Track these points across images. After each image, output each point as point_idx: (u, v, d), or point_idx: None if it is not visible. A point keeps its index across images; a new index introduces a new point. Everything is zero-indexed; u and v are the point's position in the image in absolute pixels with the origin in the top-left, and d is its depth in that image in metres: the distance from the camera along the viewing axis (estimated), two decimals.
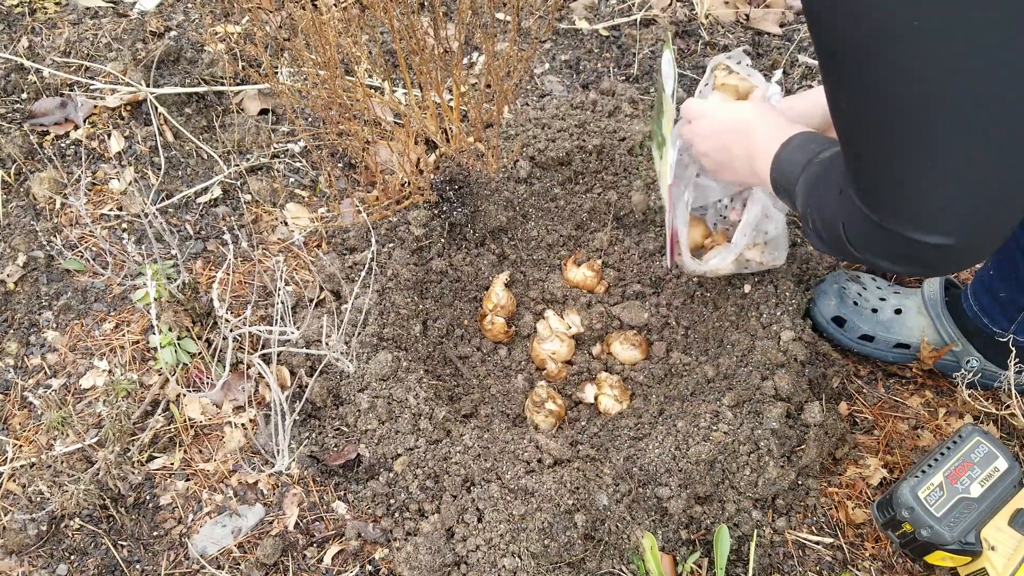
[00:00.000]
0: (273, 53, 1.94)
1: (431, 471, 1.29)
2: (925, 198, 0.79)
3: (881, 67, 0.73)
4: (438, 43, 1.41)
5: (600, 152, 1.72)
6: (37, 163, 1.71)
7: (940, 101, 0.71)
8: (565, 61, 2.05)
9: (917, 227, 0.81)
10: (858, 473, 1.37)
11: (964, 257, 0.85)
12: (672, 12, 2.15)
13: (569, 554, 1.19)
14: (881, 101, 0.75)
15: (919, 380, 1.51)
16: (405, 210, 1.61)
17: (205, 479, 1.34)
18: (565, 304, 1.62)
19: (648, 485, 1.28)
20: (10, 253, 1.59)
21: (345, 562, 1.27)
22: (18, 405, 1.42)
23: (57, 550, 1.26)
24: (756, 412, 1.34)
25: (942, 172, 0.76)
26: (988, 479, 1.21)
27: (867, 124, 0.80)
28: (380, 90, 1.88)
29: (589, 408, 1.49)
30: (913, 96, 0.72)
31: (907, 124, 0.75)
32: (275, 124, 1.85)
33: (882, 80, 0.73)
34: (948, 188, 0.78)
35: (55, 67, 1.83)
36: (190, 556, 1.26)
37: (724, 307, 1.54)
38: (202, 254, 1.63)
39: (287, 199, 1.72)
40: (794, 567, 1.27)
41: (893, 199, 0.82)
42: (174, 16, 2.02)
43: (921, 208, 0.80)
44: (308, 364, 1.43)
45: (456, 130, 1.58)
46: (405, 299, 1.49)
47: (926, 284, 1.50)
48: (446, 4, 2.11)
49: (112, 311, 1.53)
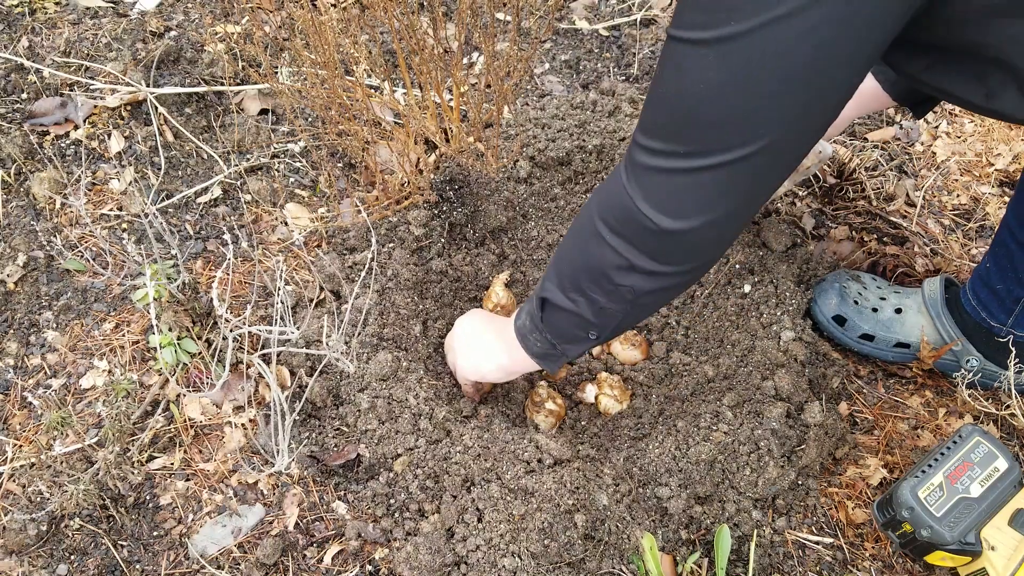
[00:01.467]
0: (273, 53, 1.94)
1: (431, 471, 1.29)
2: (672, 183, 0.90)
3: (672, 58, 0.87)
4: (438, 43, 1.41)
5: (600, 152, 1.72)
6: (37, 163, 1.71)
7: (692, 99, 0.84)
8: (565, 61, 2.05)
9: (654, 207, 0.91)
10: (858, 473, 1.37)
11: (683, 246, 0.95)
12: (672, 12, 2.15)
13: (569, 554, 1.19)
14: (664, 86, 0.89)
15: (919, 380, 1.51)
16: (405, 210, 1.61)
17: (205, 479, 1.34)
18: None
19: (648, 485, 1.28)
20: (10, 253, 1.59)
21: (345, 562, 1.27)
22: (18, 405, 1.42)
23: (57, 550, 1.26)
24: (756, 412, 1.34)
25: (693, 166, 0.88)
26: (988, 479, 1.21)
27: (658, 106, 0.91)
28: (380, 90, 1.88)
29: (589, 408, 1.49)
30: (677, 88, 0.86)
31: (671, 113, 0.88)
32: (275, 124, 1.85)
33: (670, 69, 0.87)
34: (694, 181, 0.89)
35: (55, 67, 1.83)
36: (190, 556, 1.26)
37: (724, 307, 1.54)
38: (202, 254, 1.63)
39: (287, 199, 1.72)
40: (794, 567, 1.27)
41: (647, 176, 0.92)
42: (174, 16, 2.02)
43: (663, 190, 0.91)
44: (308, 364, 1.43)
45: (456, 130, 1.58)
46: (405, 299, 1.49)
47: (926, 283, 1.50)
48: (446, 4, 2.11)
49: (112, 311, 1.53)
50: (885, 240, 1.73)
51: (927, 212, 1.81)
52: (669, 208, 0.90)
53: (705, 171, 0.86)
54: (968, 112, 2.04)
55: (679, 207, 0.90)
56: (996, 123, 2.01)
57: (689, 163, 0.87)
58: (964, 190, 1.86)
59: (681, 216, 0.90)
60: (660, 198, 0.91)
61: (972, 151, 1.94)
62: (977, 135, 1.99)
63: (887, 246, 1.70)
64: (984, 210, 1.82)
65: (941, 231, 1.78)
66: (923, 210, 1.81)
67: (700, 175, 0.87)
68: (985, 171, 1.90)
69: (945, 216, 1.81)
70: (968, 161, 1.93)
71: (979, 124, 2.01)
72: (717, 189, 0.88)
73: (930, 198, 1.84)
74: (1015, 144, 1.95)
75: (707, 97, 0.82)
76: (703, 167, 0.86)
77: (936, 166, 1.91)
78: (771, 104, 0.82)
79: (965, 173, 1.90)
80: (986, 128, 2.00)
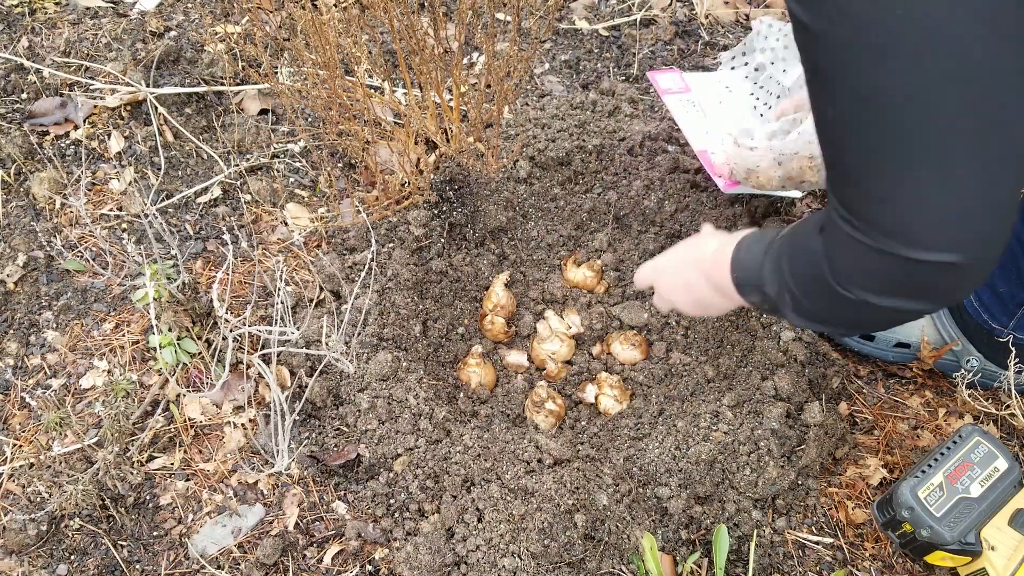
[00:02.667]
0: (273, 53, 1.94)
1: (431, 471, 1.29)
2: (922, 210, 0.72)
3: (867, 70, 0.68)
4: (438, 43, 1.41)
5: (600, 152, 1.72)
6: (37, 163, 1.71)
7: (930, 104, 0.67)
8: (565, 61, 2.05)
9: (916, 244, 0.73)
10: (858, 473, 1.37)
11: (967, 274, 0.76)
12: (672, 12, 2.15)
13: (569, 554, 1.19)
14: (869, 106, 0.71)
15: (919, 380, 1.51)
16: (405, 210, 1.61)
17: (205, 479, 1.34)
18: (565, 304, 1.62)
19: (648, 485, 1.28)
20: (10, 253, 1.59)
21: (345, 562, 1.27)
22: (18, 405, 1.42)
23: (57, 550, 1.26)
24: (756, 412, 1.34)
25: (938, 180, 0.70)
26: (988, 479, 1.21)
27: (855, 133, 0.74)
28: (380, 90, 1.88)
29: (589, 408, 1.49)
30: (902, 100, 0.68)
31: (898, 131, 0.69)
32: (275, 124, 1.85)
33: (868, 84, 0.69)
34: (946, 198, 0.71)
35: (55, 67, 1.83)
36: (190, 556, 1.26)
37: None
38: (202, 254, 1.63)
39: (287, 199, 1.72)
40: (794, 567, 1.27)
41: (887, 214, 0.74)
42: (174, 16, 2.02)
43: (919, 221, 0.72)
44: (308, 364, 1.43)
45: (456, 130, 1.58)
46: (405, 299, 1.49)
47: None
48: (446, 4, 2.11)
49: (112, 311, 1.53)
50: None
51: None
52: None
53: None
54: None
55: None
56: None
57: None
58: None
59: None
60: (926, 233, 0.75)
61: None
62: None
63: None
64: None
65: None
66: None
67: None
68: None
69: None
70: None
71: None
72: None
73: None
74: None
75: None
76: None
77: None
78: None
79: None
80: None
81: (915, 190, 0.71)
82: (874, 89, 0.69)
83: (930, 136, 0.68)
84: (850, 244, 0.78)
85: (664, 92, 1.59)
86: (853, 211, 0.77)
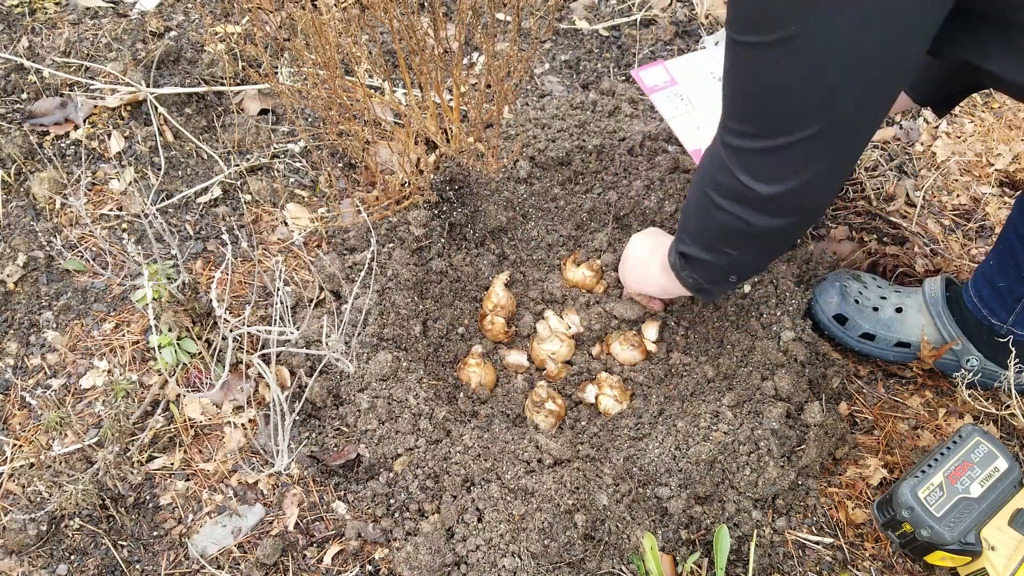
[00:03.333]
0: (273, 53, 1.94)
1: (431, 471, 1.29)
2: (762, 160, 1.04)
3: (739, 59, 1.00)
4: (438, 43, 1.41)
5: (600, 152, 1.72)
6: (37, 163, 1.71)
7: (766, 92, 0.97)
8: (565, 61, 2.05)
9: (752, 177, 1.05)
10: (858, 473, 1.37)
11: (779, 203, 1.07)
12: (672, 12, 2.15)
13: (569, 554, 1.19)
14: (737, 82, 1.02)
15: (919, 380, 1.51)
16: (405, 210, 1.61)
17: (205, 479, 1.34)
18: (565, 304, 1.62)
19: (648, 485, 1.28)
20: (10, 253, 1.59)
21: (345, 562, 1.27)
22: (18, 405, 1.42)
23: (57, 550, 1.26)
24: (756, 412, 1.34)
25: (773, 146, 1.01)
26: (988, 479, 1.21)
27: (735, 98, 1.05)
28: (380, 90, 1.88)
29: (589, 408, 1.49)
30: (752, 85, 0.98)
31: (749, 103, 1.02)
32: (275, 124, 1.85)
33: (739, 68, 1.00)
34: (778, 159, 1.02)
35: (55, 67, 1.83)
36: (190, 556, 1.26)
37: (724, 307, 1.54)
38: (202, 254, 1.63)
39: (287, 199, 1.72)
40: (794, 567, 1.27)
41: (740, 152, 1.06)
42: (174, 16, 2.02)
43: (758, 166, 1.04)
44: (308, 364, 1.43)
45: (456, 130, 1.58)
46: (405, 299, 1.49)
47: (927, 283, 1.50)
48: (446, 4, 2.11)
49: (112, 311, 1.53)
50: (885, 240, 1.73)
51: (927, 212, 1.81)
52: (762, 177, 1.05)
53: (785, 149, 1.00)
54: (988, 104, 2.04)
55: (770, 176, 1.05)
56: (996, 123, 2.01)
57: (771, 143, 1.01)
58: (964, 190, 1.86)
59: (773, 182, 1.05)
60: (753, 170, 1.06)
61: (972, 151, 1.94)
62: (977, 135, 1.99)
63: (887, 246, 1.70)
64: (984, 210, 1.82)
65: (941, 231, 1.78)
66: (923, 210, 1.81)
67: (781, 152, 1.01)
68: (985, 171, 1.90)
69: (945, 216, 1.81)
70: (968, 161, 1.92)
71: (979, 124, 2.01)
72: (797, 162, 1.02)
73: (930, 198, 1.84)
74: (1015, 144, 1.95)
75: (781, 90, 0.95)
76: (783, 145, 1.00)
77: (936, 166, 1.91)
78: (840, 88, 0.92)
79: (965, 173, 1.90)
80: (986, 128, 2.00)
81: (755, 145, 1.04)
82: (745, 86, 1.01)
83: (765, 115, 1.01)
84: (717, 157, 1.11)
85: (651, 90, 1.59)
86: (724, 141, 1.09)
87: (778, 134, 1.00)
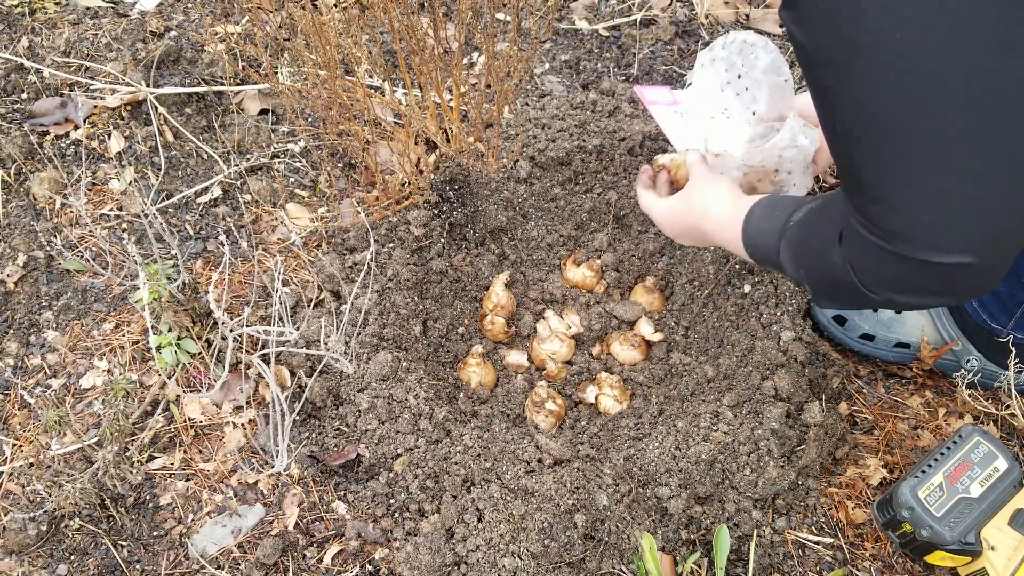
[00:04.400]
0: (273, 53, 1.94)
1: (431, 471, 1.29)
2: (933, 215, 0.74)
3: (867, 77, 0.70)
4: (438, 43, 1.41)
5: (600, 152, 1.72)
6: (37, 163, 1.71)
7: (936, 108, 0.68)
8: (565, 61, 2.05)
9: (934, 248, 0.75)
10: (858, 473, 1.37)
11: (984, 276, 0.79)
12: (672, 12, 2.15)
13: (569, 554, 1.19)
14: (873, 115, 0.73)
15: (919, 380, 1.51)
16: (405, 210, 1.61)
17: (205, 479, 1.34)
18: (565, 304, 1.62)
19: (648, 485, 1.28)
20: (10, 253, 1.59)
21: (345, 562, 1.27)
22: (18, 405, 1.42)
23: (57, 550, 1.26)
24: (756, 412, 1.34)
25: (951, 185, 0.72)
26: (988, 479, 1.21)
27: (864, 144, 0.76)
28: (380, 90, 1.88)
29: (589, 408, 1.49)
30: (905, 104, 0.70)
31: (905, 137, 0.71)
32: (275, 124, 1.85)
33: (870, 92, 0.71)
34: (960, 202, 0.73)
35: (55, 67, 1.83)
36: (190, 556, 1.26)
37: (724, 307, 1.54)
38: (202, 254, 1.63)
39: (287, 199, 1.72)
40: (794, 567, 1.27)
41: (901, 221, 0.76)
42: (174, 16, 2.02)
43: (931, 227, 0.75)
44: (308, 364, 1.43)
45: (456, 130, 1.58)
46: (405, 299, 1.49)
47: None
48: (446, 4, 2.11)
49: (112, 311, 1.53)
50: None
51: None
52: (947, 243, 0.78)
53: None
54: None
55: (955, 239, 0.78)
56: None
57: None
58: None
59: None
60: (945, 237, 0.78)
61: None
62: None
63: None
64: None
65: None
66: None
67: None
68: None
69: None
70: None
71: None
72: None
73: None
74: None
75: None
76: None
77: None
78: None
79: None
80: None
81: (923, 196, 0.73)
82: (870, 101, 0.72)
83: (926, 143, 0.70)
84: (872, 251, 0.80)
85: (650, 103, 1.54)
86: (870, 219, 0.79)
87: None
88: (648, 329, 1.55)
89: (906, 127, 0.71)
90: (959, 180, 0.72)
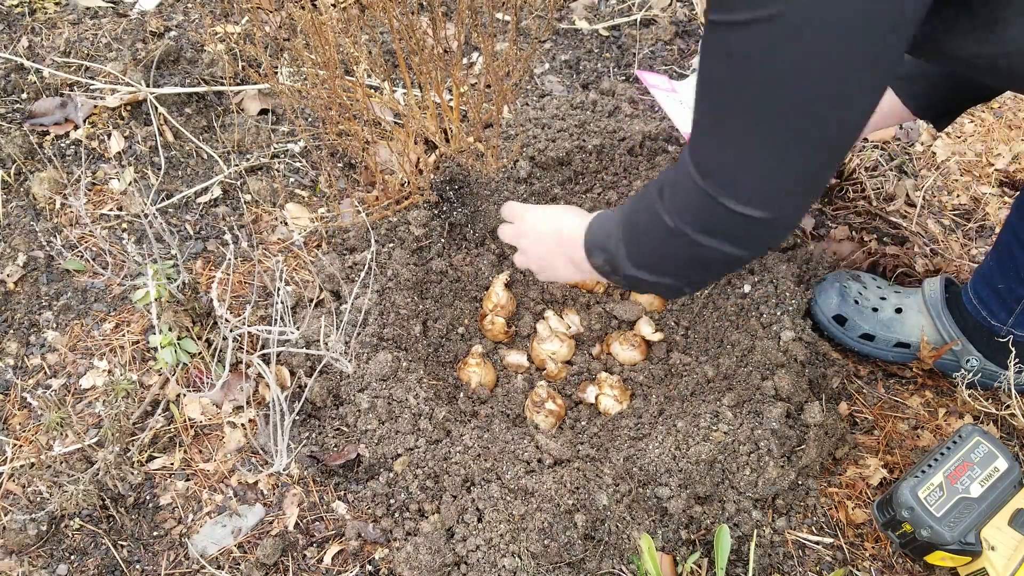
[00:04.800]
0: (273, 53, 1.94)
1: (431, 471, 1.29)
2: (742, 172, 0.92)
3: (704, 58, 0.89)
4: (438, 43, 1.41)
5: (600, 152, 1.72)
6: (37, 163, 1.71)
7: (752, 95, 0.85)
8: (565, 61, 2.05)
9: (735, 198, 0.92)
10: (858, 473, 1.37)
11: (771, 229, 0.97)
12: (672, 12, 2.15)
13: (569, 554, 1.19)
14: (716, 88, 0.90)
15: (919, 380, 1.51)
16: (405, 210, 1.61)
17: (205, 479, 1.34)
18: (565, 304, 1.62)
19: (648, 485, 1.28)
20: (10, 253, 1.59)
21: (345, 562, 1.27)
22: (18, 405, 1.42)
23: (57, 550, 1.26)
24: (756, 412, 1.34)
25: (748, 151, 0.90)
26: (988, 479, 1.21)
27: (708, 103, 0.93)
28: (380, 90, 1.88)
29: (589, 408, 1.49)
30: (733, 89, 0.87)
31: (729, 109, 0.89)
32: (275, 124, 1.85)
33: (720, 72, 0.88)
34: (755, 165, 0.91)
35: (55, 67, 1.83)
36: (190, 556, 1.26)
37: (724, 307, 1.54)
38: (202, 254, 1.63)
39: (287, 199, 1.72)
40: (794, 567, 1.27)
41: (720, 170, 0.93)
42: (174, 16, 2.02)
43: (739, 181, 0.92)
44: (308, 364, 1.43)
45: (456, 130, 1.57)
46: (405, 299, 1.49)
47: (926, 283, 1.50)
48: (446, 4, 2.11)
49: (112, 311, 1.53)
50: (885, 240, 1.73)
51: (927, 212, 1.81)
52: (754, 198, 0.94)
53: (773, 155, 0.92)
54: (988, 104, 2.04)
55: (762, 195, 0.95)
56: (996, 123, 2.01)
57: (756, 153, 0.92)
58: (964, 190, 1.86)
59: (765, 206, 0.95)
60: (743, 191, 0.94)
61: (972, 151, 1.94)
62: (977, 135, 1.99)
63: (887, 246, 1.70)
64: (984, 210, 1.81)
65: (941, 231, 1.78)
66: (923, 210, 1.81)
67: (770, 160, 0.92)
68: (985, 171, 1.90)
69: (945, 216, 1.81)
70: (968, 161, 1.92)
71: (979, 124, 2.01)
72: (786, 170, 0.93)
73: (930, 198, 1.84)
74: (1015, 144, 1.95)
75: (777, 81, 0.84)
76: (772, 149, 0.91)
77: (936, 166, 1.91)
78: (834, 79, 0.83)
79: (965, 173, 1.90)
80: (986, 128, 2.00)
81: (738, 156, 0.92)
82: (721, 78, 0.89)
83: (746, 116, 0.88)
84: (689, 187, 0.96)
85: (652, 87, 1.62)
86: (699, 162, 0.96)
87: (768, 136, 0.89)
88: (648, 329, 1.55)
89: (733, 101, 0.89)
90: (754, 148, 0.90)
